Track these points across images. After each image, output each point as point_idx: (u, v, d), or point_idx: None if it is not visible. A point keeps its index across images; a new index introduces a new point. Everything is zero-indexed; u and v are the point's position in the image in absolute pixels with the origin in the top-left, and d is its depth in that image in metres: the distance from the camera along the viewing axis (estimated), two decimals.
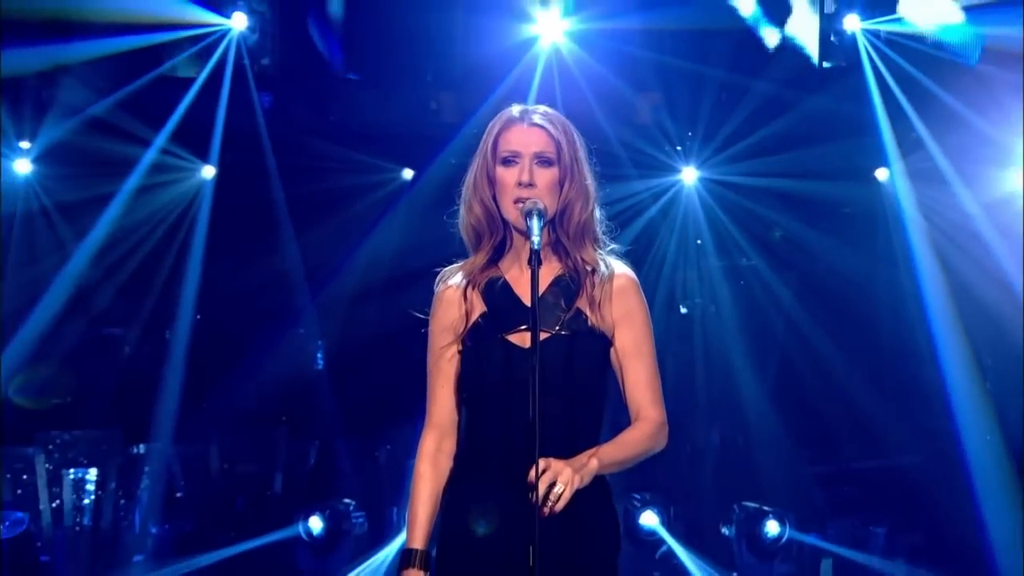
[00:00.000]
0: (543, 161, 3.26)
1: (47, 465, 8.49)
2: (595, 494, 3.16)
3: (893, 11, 8.48)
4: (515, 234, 3.28)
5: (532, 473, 2.92)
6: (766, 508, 8.49)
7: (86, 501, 8.46)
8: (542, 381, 3.04)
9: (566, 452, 3.07)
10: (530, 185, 3.20)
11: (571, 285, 3.29)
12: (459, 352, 3.32)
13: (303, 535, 8.25)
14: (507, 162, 3.25)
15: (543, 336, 3.15)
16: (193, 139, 8.56)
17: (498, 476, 3.22)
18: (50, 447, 8.52)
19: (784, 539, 8.30)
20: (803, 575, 8.49)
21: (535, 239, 3.06)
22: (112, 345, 9.05)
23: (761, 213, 9.07)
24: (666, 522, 8.47)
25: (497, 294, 3.32)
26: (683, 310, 9.15)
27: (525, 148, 3.26)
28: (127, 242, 8.72)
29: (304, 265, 8.98)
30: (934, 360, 8.45)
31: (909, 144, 8.40)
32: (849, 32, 8.65)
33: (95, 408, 8.85)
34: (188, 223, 8.96)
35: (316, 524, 8.17)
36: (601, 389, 3.34)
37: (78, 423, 8.75)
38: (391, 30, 9.08)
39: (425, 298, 3.36)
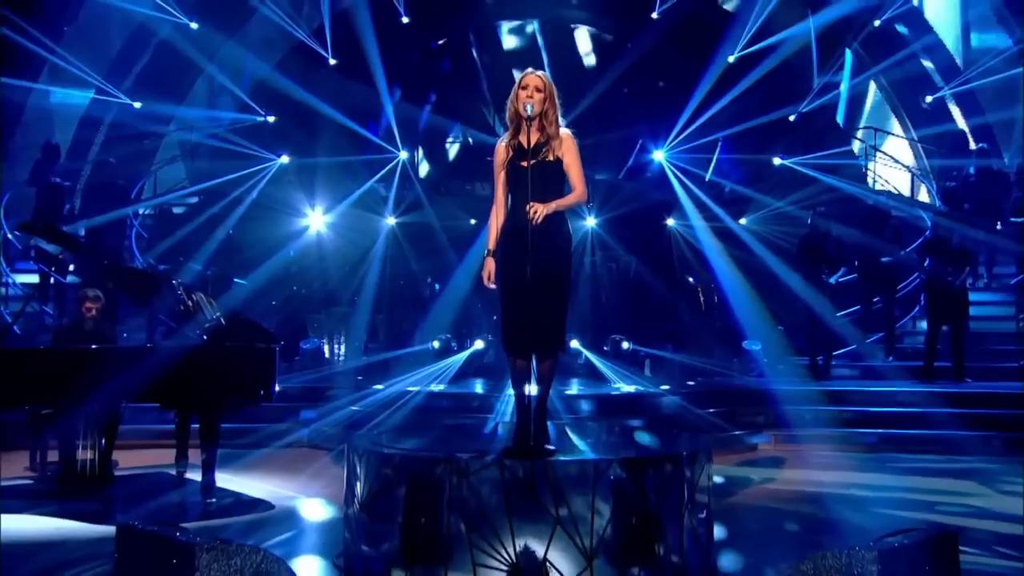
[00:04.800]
0: (537, 90, 4.29)
1: (327, 320, 11.39)
2: (558, 218, 4.38)
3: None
4: (524, 121, 4.30)
5: (527, 207, 4.25)
6: (622, 337, 11.01)
7: (341, 336, 11.40)
8: (533, 180, 4.28)
9: (543, 202, 4.29)
10: (530, 97, 4.27)
11: (545, 143, 4.35)
12: (503, 172, 4.43)
13: (430, 348, 10.86)
14: (523, 88, 4.31)
15: (533, 162, 4.29)
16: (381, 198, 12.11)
17: (518, 215, 4.37)
18: (328, 317, 11.45)
19: (630, 350, 10.85)
20: (636, 365, 10.62)
21: (529, 114, 4.25)
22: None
23: (615, 233, 12.06)
24: (583, 344, 10.79)
25: (516, 146, 4.39)
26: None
27: (531, 83, 4.30)
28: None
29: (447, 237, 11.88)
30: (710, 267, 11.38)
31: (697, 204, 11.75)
32: (656, 161, 12.34)
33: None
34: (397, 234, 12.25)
35: (435, 344, 10.85)
36: (560, 184, 4.40)
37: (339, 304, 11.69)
38: None
39: None
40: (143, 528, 4.06)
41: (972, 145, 12.38)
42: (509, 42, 13.45)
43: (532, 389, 4.60)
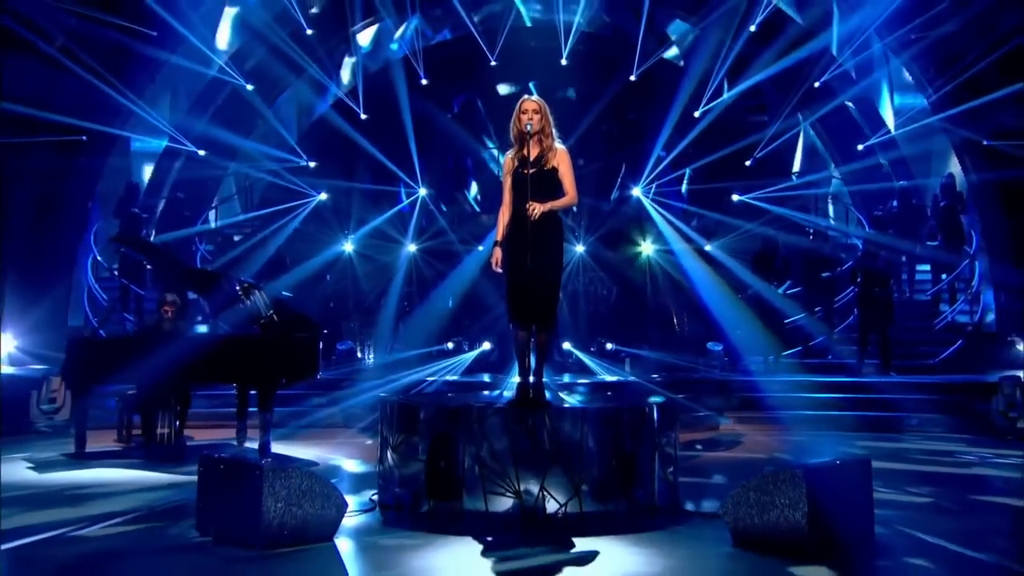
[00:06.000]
0: (534, 112, 4.44)
1: (358, 326, 11.55)
2: (553, 216, 4.54)
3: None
4: (526, 138, 4.46)
5: (528, 206, 4.43)
6: (606, 339, 11.22)
7: (370, 339, 11.36)
8: (533, 185, 4.46)
9: (540, 203, 4.45)
10: (530, 120, 4.44)
11: (544, 155, 4.48)
12: (510, 178, 4.58)
13: (445, 347, 11.08)
14: (523, 112, 4.46)
15: (532, 171, 4.46)
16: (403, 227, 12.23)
17: (520, 213, 4.50)
18: (359, 323, 11.57)
19: (612, 349, 11.03)
20: (617, 363, 10.62)
21: (529, 132, 4.42)
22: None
23: (597, 254, 12.05)
24: (574, 346, 10.98)
25: (520, 158, 4.54)
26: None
27: (530, 106, 4.44)
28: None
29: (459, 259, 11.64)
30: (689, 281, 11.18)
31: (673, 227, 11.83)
32: (635, 196, 12.38)
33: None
34: (417, 256, 12.28)
35: (450, 344, 11.06)
36: (555, 189, 4.53)
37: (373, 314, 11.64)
38: None
39: None
40: (220, 456, 4.34)
41: (895, 181, 12.70)
42: (511, 98, 13.88)
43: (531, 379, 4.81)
